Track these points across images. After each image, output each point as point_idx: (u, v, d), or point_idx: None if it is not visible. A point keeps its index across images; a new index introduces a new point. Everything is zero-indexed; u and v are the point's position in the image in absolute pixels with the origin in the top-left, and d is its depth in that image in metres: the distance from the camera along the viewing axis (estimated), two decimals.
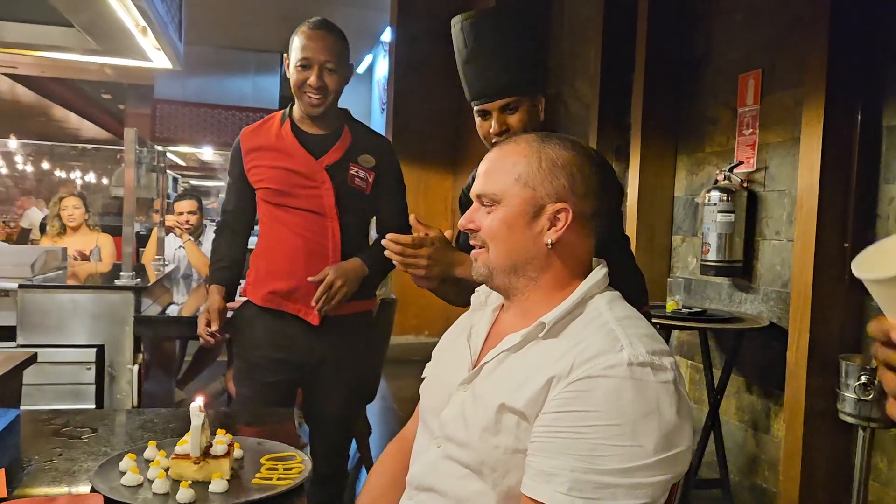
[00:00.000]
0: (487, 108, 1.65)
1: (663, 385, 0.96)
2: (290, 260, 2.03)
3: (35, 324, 2.76)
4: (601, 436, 0.93)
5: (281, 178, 2.01)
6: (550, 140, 1.10)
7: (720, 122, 3.32)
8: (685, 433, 0.97)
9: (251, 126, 2.14)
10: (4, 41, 3.57)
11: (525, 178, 1.07)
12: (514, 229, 1.08)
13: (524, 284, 1.10)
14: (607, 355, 0.96)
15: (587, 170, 1.09)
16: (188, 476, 1.12)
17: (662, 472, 0.94)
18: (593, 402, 0.94)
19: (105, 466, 1.16)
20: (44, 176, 10.83)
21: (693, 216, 3.48)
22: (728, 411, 3.17)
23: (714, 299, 3.31)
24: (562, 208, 1.06)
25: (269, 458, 1.24)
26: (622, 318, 1.04)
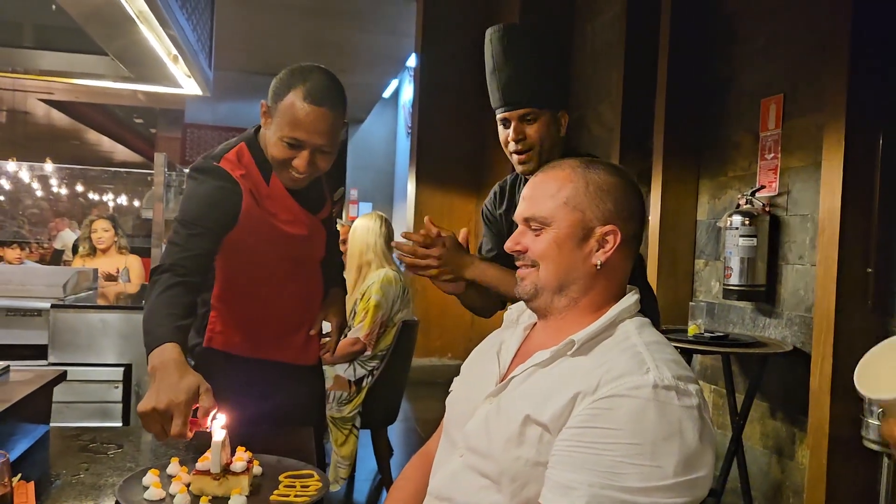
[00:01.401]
0: (508, 116, 1.72)
1: (687, 409, 0.98)
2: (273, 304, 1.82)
3: (66, 342, 2.83)
4: (622, 453, 0.94)
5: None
6: (594, 165, 1.15)
7: (742, 147, 3.32)
8: (706, 459, 0.98)
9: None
10: (42, 69, 3.70)
11: (573, 201, 1.11)
12: (564, 250, 1.12)
13: (564, 305, 1.13)
14: (633, 376, 0.99)
15: (630, 194, 1.14)
16: (209, 491, 1.15)
17: (680, 496, 0.95)
18: (616, 421, 0.96)
19: (129, 481, 1.19)
20: (77, 198, 11.08)
21: (716, 240, 3.47)
22: (752, 437, 3.14)
23: (737, 324, 3.29)
24: (610, 230, 1.11)
25: (288, 476, 1.26)
26: (650, 342, 1.07)
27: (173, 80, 3.54)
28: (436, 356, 6.03)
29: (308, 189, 1.71)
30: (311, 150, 1.58)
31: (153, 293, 1.44)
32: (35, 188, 10.65)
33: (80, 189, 11.34)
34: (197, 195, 1.58)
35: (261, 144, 1.67)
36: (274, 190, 1.66)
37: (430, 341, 5.81)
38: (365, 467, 3.46)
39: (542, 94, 1.72)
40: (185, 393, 1.24)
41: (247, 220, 1.60)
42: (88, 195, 11.45)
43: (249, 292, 1.74)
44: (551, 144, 1.75)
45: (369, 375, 3.09)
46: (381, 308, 3.07)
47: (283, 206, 1.68)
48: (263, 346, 1.77)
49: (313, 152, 1.59)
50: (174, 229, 1.56)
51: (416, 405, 4.88)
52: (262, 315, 1.76)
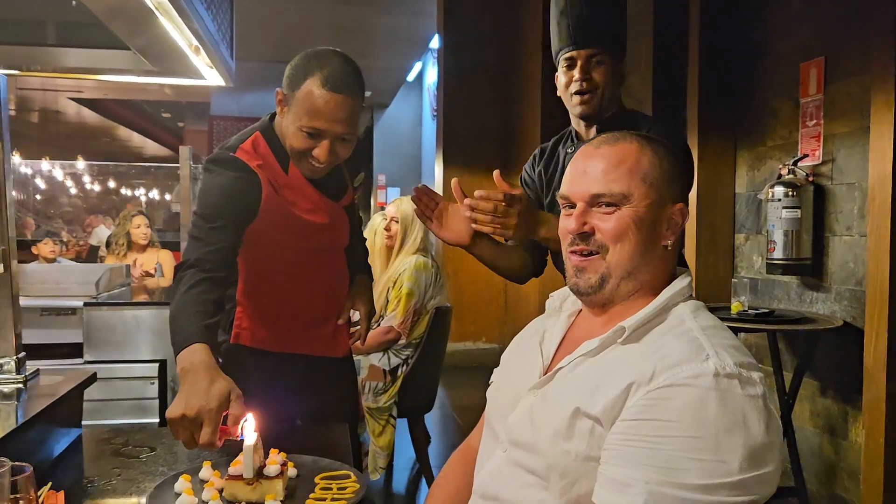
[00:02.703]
0: (576, 55, 1.70)
1: (751, 399, 0.90)
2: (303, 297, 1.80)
3: (100, 340, 2.83)
4: (680, 448, 0.87)
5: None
6: (653, 140, 1.09)
7: (781, 114, 3.18)
8: (774, 452, 0.91)
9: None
10: (67, 66, 3.69)
11: (651, 178, 1.04)
12: (642, 231, 1.04)
13: (628, 291, 1.06)
14: (692, 364, 0.92)
15: (689, 169, 1.12)
16: (242, 497, 1.11)
17: (747, 493, 0.87)
18: (674, 412, 0.89)
19: (161, 488, 1.15)
20: (109, 195, 11.22)
21: (756, 213, 3.35)
22: (802, 416, 3.03)
23: (782, 299, 3.18)
24: (679, 209, 1.06)
25: (324, 478, 1.21)
26: (707, 327, 0.99)
27: (196, 71, 3.50)
28: (470, 340, 5.98)
29: (328, 176, 1.65)
30: (331, 138, 1.53)
31: (179, 290, 1.38)
32: (69, 186, 10.80)
33: (112, 185, 11.49)
34: (215, 187, 1.52)
35: (277, 132, 1.61)
36: (292, 178, 1.61)
37: (463, 326, 5.76)
38: (403, 456, 3.43)
39: (611, 37, 1.72)
40: (216, 399, 1.19)
41: (267, 210, 1.55)
42: (121, 191, 11.59)
43: (273, 285, 1.70)
44: (612, 92, 1.73)
45: (404, 364, 3.05)
46: (413, 296, 3.01)
47: (303, 195, 1.63)
48: (291, 340, 1.73)
49: (333, 141, 1.53)
50: (194, 223, 1.50)
51: (452, 392, 4.84)
52: (287, 308, 1.71)
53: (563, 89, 1.75)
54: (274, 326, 1.72)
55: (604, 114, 1.74)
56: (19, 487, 0.90)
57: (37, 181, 10.38)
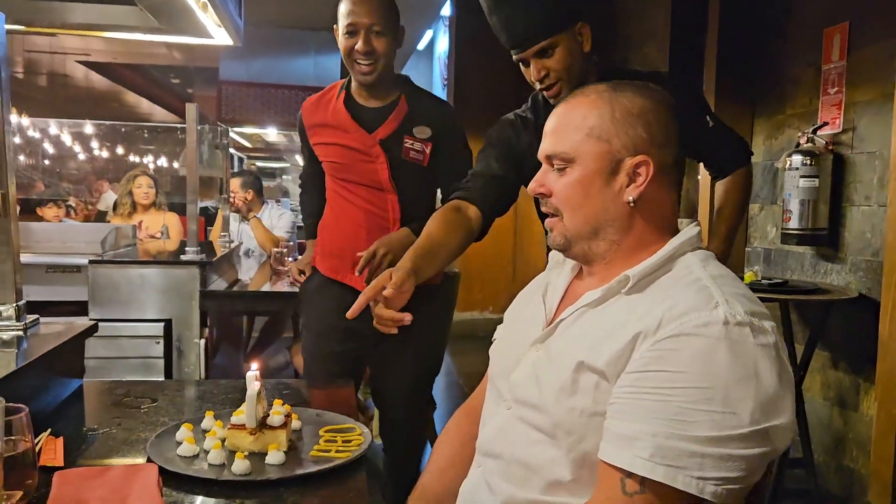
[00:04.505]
0: (523, 56, 1.57)
1: (763, 348, 0.86)
2: (353, 233, 2.01)
3: (105, 298, 2.81)
4: (689, 399, 0.83)
5: (340, 154, 1.99)
6: (622, 87, 1.00)
7: (802, 82, 3.10)
8: (786, 404, 0.86)
9: (311, 99, 2.08)
10: (71, 23, 3.63)
11: (598, 131, 0.97)
12: (591, 191, 0.98)
13: (605, 248, 1.01)
14: (700, 312, 0.87)
15: (665, 116, 0.99)
16: (244, 447, 1.08)
17: (758, 445, 0.83)
18: (683, 362, 0.85)
19: (161, 437, 1.13)
20: (119, 160, 11.18)
21: (772, 183, 3.28)
22: (812, 388, 3.00)
23: (796, 270, 3.13)
24: (642, 161, 0.97)
25: (328, 430, 1.19)
26: (717, 276, 0.94)
27: (203, 29, 3.44)
28: (477, 310, 5.95)
29: (366, 111, 1.96)
30: (365, 31, 1.84)
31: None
32: (77, 151, 10.77)
33: (120, 151, 11.45)
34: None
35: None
36: (338, 108, 1.96)
37: (471, 294, 5.73)
38: None
39: (549, 21, 1.53)
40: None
41: (320, 148, 2.02)
42: (129, 157, 11.55)
43: (329, 217, 2.08)
44: (580, 66, 1.59)
45: None
46: None
47: (344, 124, 1.95)
48: (341, 271, 2.02)
49: (367, 33, 1.84)
50: None
51: (458, 359, 4.83)
52: (338, 240, 2.03)
53: (532, 86, 1.65)
54: (332, 256, 2.05)
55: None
56: (14, 428, 0.87)
57: (45, 145, 10.36)
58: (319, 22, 9.00)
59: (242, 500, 0.95)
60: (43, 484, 0.93)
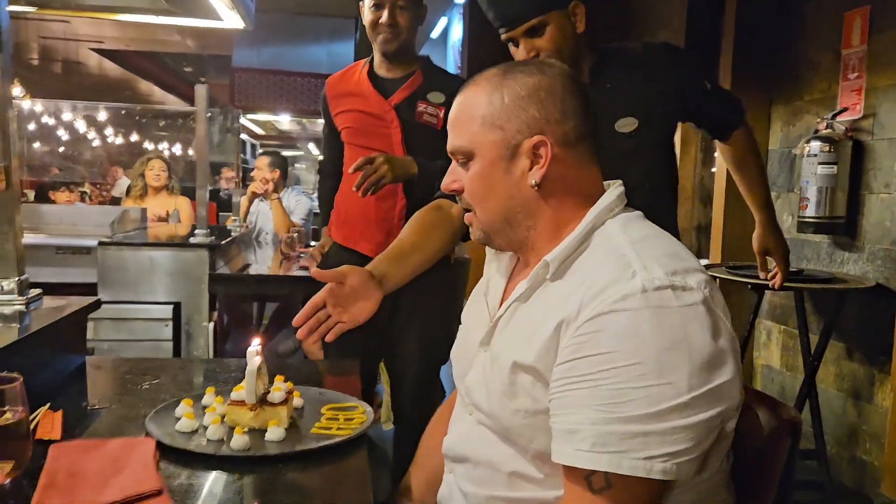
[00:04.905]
0: (513, 35, 1.51)
1: (689, 308, 0.82)
2: (363, 200, 2.00)
3: (115, 280, 2.81)
4: (621, 379, 0.79)
5: (357, 119, 2.09)
6: (512, 70, 0.96)
7: (821, 67, 3.04)
8: (726, 360, 0.82)
9: (336, 74, 2.21)
10: (83, 4, 3.62)
11: (491, 118, 0.93)
12: (494, 181, 0.95)
13: (524, 235, 0.97)
14: (618, 286, 0.82)
15: (558, 90, 0.94)
16: (244, 423, 1.06)
17: (702, 410, 0.80)
18: (607, 343, 0.81)
19: (161, 412, 1.11)
20: (132, 146, 11.21)
21: (789, 170, 3.23)
22: (826, 379, 2.95)
23: (812, 259, 3.07)
24: (539, 142, 0.92)
25: (330, 409, 1.17)
26: (639, 239, 0.90)
27: (214, 12, 3.42)
28: None
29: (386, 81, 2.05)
30: (390, 5, 1.95)
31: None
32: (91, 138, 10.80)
33: (134, 139, 11.48)
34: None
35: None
36: (361, 78, 2.06)
37: None
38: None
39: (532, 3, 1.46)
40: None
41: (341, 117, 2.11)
42: (144, 144, 11.58)
43: (344, 186, 2.14)
44: (572, 48, 1.52)
45: None
46: None
47: (364, 91, 2.04)
48: (352, 238, 2.10)
49: (392, 7, 1.96)
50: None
51: None
52: (352, 208, 2.09)
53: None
54: (344, 224, 2.12)
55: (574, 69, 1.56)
56: (7, 398, 0.85)
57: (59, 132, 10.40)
58: (332, 8, 8.96)
59: (241, 476, 0.93)
60: (39, 456, 0.92)
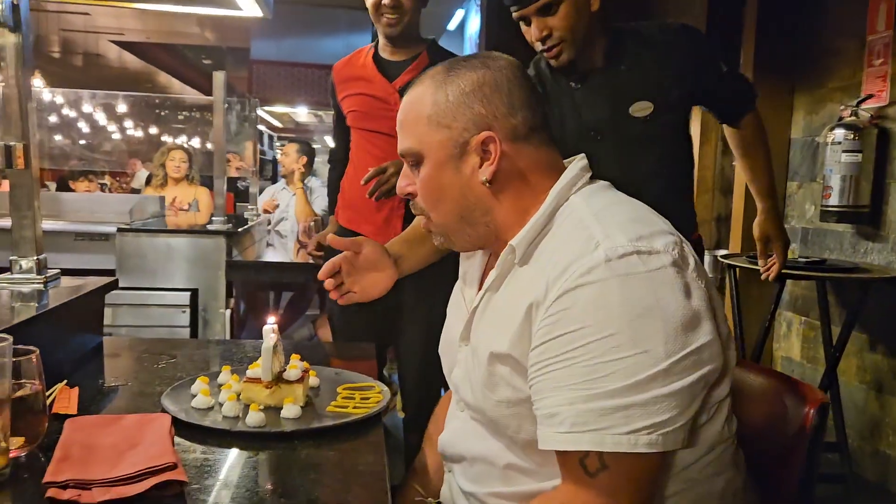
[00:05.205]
0: (524, 13, 1.47)
1: (657, 272, 0.79)
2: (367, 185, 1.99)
3: (133, 267, 2.82)
4: (595, 354, 0.77)
5: (363, 102, 2.07)
6: (455, 66, 0.93)
7: (845, 54, 2.98)
8: (702, 321, 0.79)
9: (343, 59, 2.20)
10: None
11: (436, 117, 0.91)
12: (445, 182, 0.92)
13: (484, 231, 0.95)
14: (582, 259, 0.80)
15: (505, 84, 0.91)
16: (259, 401, 1.06)
17: (683, 375, 0.77)
18: (577, 318, 0.78)
19: (177, 389, 1.11)
20: (152, 139, 11.28)
21: (812, 159, 3.18)
22: (848, 371, 2.90)
23: (834, 249, 3.02)
24: (487, 138, 0.89)
25: (347, 388, 1.16)
26: (601, 209, 0.87)
27: (232, 1, 3.43)
28: None
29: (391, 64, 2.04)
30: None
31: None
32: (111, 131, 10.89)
33: (154, 131, 11.55)
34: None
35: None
36: (366, 62, 2.05)
37: None
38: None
39: None
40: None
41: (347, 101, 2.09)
42: (163, 137, 11.65)
43: (350, 168, 2.14)
44: (586, 28, 1.49)
45: None
46: None
47: (370, 75, 2.03)
48: (355, 221, 2.09)
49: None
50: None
51: None
52: (355, 190, 2.04)
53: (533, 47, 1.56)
54: (349, 207, 2.12)
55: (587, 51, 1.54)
56: (24, 371, 0.85)
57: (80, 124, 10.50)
58: (350, 0, 8.97)
59: (256, 452, 0.93)
60: (55, 431, 0.91)
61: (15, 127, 1.28)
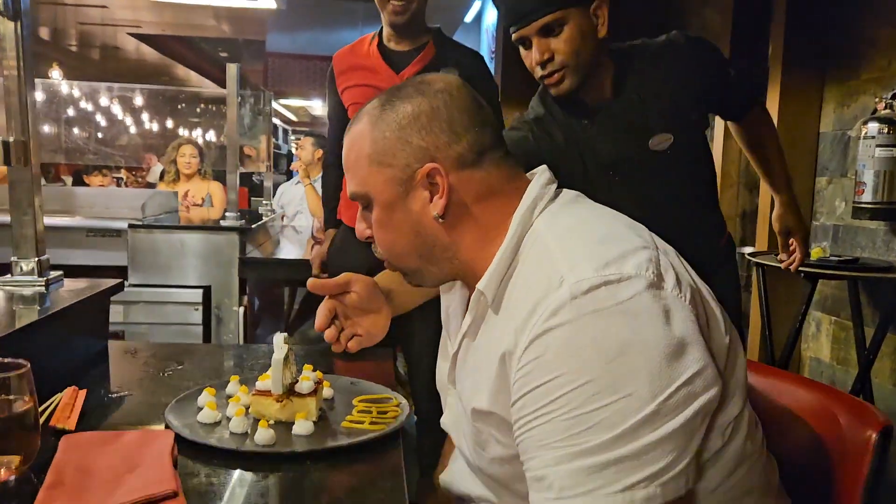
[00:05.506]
0: (524, 34, 1.35)
1: (631, 302, 0.69)
2: None
3: (145, 263, 2.77)
4: (574, 405, 0.68)
5: (367, 94, 1.99)
6: (391, 99, 0.84)
7: (879, 43, 2.87)
8: (688, 347, 0.70)
9: (344, 48, 2.13)
10: None
11: (377, 157, 0.83)
12: (396, 222, 0.84)
13: (449, 268, 0.86)
14: (547, 299, 0.71)
15: (443, 110, 0.82)
16: (270, 415, 0.99)
17: (676, 413, 0.68)
18: (550, 367, 0.69)
19: (182, 401, 1.04)
20: (167, 134, 11.28)
21: (843, 154, 3.06)
22: (881, 374, 2.80)
23: (867, 248, 2.92)
24: (432, 170, 0.81)
25: (363, 400, 1.09)
26: (564, 232, 0.78)
27: None
28: None
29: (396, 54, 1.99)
30: None
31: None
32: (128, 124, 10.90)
33: (169, 125, 11.55)
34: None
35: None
36: (371, 51, 1.99)
37: None
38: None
39: None
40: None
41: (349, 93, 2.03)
42: (178, 131, 11.65)
43: None
44: (591, 54, 1.36)
45: None
46: None
47: (374, 65, 1.98)
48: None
49: None
50: None
51: None
52: None
53: (532, 72, 1.42)
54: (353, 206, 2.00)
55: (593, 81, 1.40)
56: (13, 387, 0.78)
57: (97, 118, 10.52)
58: None
59: (265, 475, 0.85)
60: (51, 448, 0.85)
61: (15, 121, 1.22)
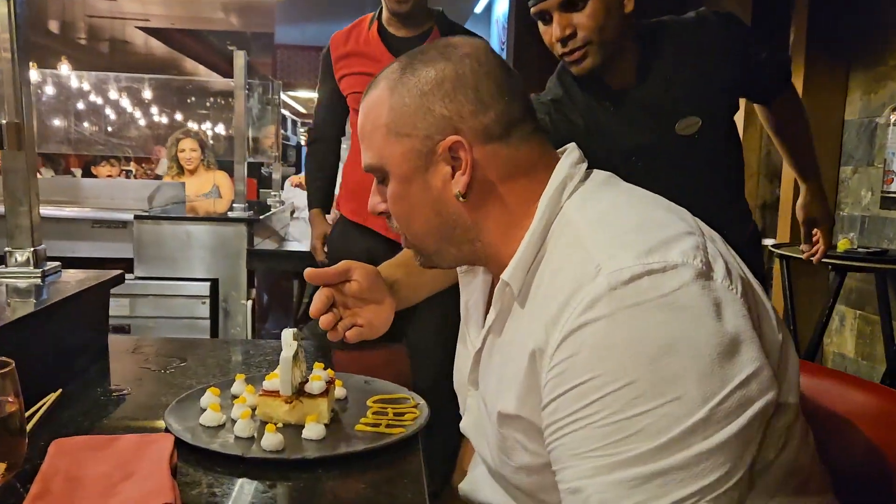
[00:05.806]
0: (544, 7, 1.26)
1: (677, 294, 0.61)
2: None
3: (151, 255, 2.71)
4: (614, 409, 0.60)
5: (367, 83, 1.85)
6: (412, 62, 0.77)
7: None
8: (743, 344, 0.61)
9: (341, 32, 2.05)
10: None
11: (395, 126, 0.75)
12: (414, 199, 0.76)
13: (470, 251, 0.78)
14: (582, 291, 0.63)
15: (470, 76, 0.74)
16: (277, 418, 0.91)
17: (730, 420, 0.60)
18: (586, 367, 0.62)
19: (183, 402, 0.97)
20: (175, 126, 11.24)
21: (869, 142, 2.96)
22: None
23: (893, 239, 2.82)
24: (455, 143, 0.73)
25: (378, 401, 1.01)
26: (596, 219, 0.70)
27: None
28: None
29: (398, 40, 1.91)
30: None
31: None
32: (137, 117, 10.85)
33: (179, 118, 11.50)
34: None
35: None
36: (371, 37, 1.92)
37: None
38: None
39: None
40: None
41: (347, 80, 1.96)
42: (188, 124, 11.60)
43: (352, 154, 2.05)
44: (616, 31, 1.27)
45: None
46: None
47: (375, 52, 1.91)
48: (362, 212, 1.92)
49: None
50: None
51: None
52: (358, 177, 1.93)
53: (551, 49, 1.34)
54: (354, 197, 1.96)
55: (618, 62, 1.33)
56: None
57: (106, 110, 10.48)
58: None
59: (273, 483, 0.78)
60: (38, 455, 0.78)
61: (8, 103, 1.15)
